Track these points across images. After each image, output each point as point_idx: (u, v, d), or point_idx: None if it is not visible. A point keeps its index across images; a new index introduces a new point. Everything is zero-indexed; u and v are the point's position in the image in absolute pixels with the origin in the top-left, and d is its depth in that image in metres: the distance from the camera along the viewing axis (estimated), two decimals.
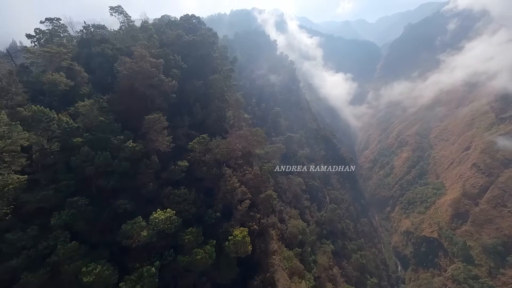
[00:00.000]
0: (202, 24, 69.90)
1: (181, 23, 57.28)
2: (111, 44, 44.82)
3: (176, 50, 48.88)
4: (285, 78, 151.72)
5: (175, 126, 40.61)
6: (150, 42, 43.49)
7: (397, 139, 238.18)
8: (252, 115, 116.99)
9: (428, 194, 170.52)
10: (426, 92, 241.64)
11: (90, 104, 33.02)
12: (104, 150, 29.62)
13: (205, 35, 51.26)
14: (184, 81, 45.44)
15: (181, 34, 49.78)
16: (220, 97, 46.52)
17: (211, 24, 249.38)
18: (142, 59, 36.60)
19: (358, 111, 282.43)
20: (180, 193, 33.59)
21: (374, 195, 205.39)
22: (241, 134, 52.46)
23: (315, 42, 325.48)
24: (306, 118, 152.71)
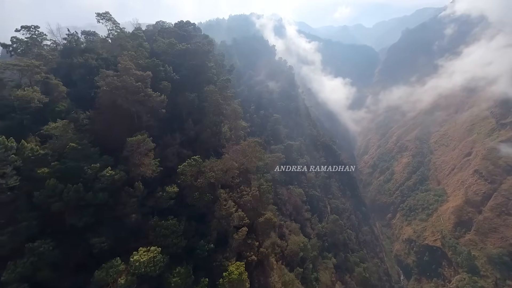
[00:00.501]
0: (198, 31, 65.90)
1: (174, 31, 53.19)
2: (96, 54, 40.45)
3: (168, 60, 44.66)
4: (284, 84, 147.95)
5: (165, 145, 36.19)
6: (138, 52, 39.24)
7: (396, 144, 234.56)
8: (251, 122, 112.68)
9: (430, 201, 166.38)
10: (425, 97, 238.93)
11: (63, 125, 28.38)
12: (76, 181, 25.09)
13: (199, 43, 47.18)
14: (176, 94, 41.18)
15: (173, 43, 45.61)
16: (216, 111, 42.20)
17: (209, 29, 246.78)
18: (126, 72, 32.25)
19: (357, 116, 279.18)
20: (167, 224, 29.08)
21: (375, 201, 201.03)
22: (238, 149, 48.05)
23: (314, 47, 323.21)
24: (305, 124, 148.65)
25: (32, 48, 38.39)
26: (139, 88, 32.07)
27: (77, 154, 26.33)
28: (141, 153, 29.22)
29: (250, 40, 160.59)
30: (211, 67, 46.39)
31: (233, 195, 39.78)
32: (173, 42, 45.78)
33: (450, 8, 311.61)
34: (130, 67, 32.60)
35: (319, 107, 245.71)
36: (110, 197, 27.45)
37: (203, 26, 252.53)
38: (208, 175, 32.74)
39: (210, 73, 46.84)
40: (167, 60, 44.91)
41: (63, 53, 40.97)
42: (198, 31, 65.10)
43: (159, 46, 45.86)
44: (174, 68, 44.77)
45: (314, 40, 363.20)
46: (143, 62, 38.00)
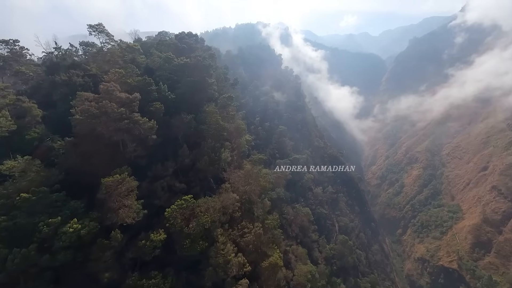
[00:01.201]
0: (201, 42, 61.15)
1: (173, 43, 48.35)
2: (83, 70, 35.80)
3: (164, 76, 39.59)
4: (290, 94, 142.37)
5: (154, 177, 30.63)
6: (127, 70, 34.21)
7: (406, 155, 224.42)
8: (256, 135, 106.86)
9: (444, 218, 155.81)
10: (436, 107, 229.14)
11: (25, 163, 23.05)
12: (29, 240, 19.61)
13: (199, 57, 42.12)
14: (171, 115, 35.89)
15: (170, 58, 40.58)
16: (215, 134, 36.61)
17: (215, 38, 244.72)
18: (108, 96, 27.09)
19: (364, 125, 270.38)
20: (150, 284, 23.18)
21: (384, 215, 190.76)
22: (240, 176, 42.13)
23: (320, 55, 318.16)
24: (312, 135, 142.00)
25: (12, 64, 33.98)
26: (123, 115, 26.82)
27: (33, 205, 20.85)
28: (120, 195, 23.64)
29: (256, 49, 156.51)
30: (211, 84, 41.08)
31: (233, 234, 33.69)
32: (170, 56, 40.74)
33: (461, 17, 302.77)
34: (113, 89, 27.43)
35: (326, 116, 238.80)
36: (77, 252, 21.83)
37: (210, 35, 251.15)
38: (202, 220, 26.84)
39: (211, 90, 41.50)
40: (163, 77, 39.78)
41: (48, 69, 36.39)
42: (200, 42, 60.41)
43: (154, 61, 40.87)
44: (170, 85, 39.57)
45: (320, 49, 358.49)
46: (133, 80, 32.82)
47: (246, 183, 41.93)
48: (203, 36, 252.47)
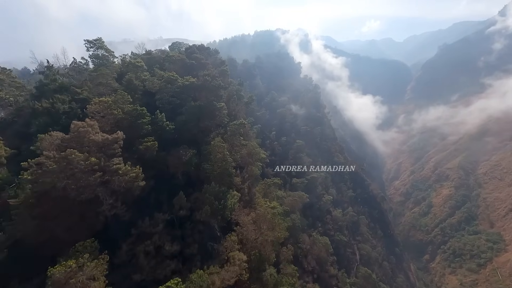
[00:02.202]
0: (213, 54, 54.42)
1: (180, 59, 41.80)
2: (72, 94, 30.35)
3: (165, 99, 32.91)
4: (309, 105, 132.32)
5: (139, 236, 23.55)
6: (117, 97, 27.76)
7: (434, 172, 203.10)
8: (271, 150, 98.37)
9: (482, 248, 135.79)
10: (470, 119, 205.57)
11: None
12: None
13: (208, 76, 35.10)
14: (169, 149, 29.01)
15: (172, 78, 33.91)
16: (221, 174, 28.90)
17: (233, 46, 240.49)
18: (80, 139, 20.43)
19: (387, 136, 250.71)
20: None
21: (408, 237, 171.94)
22: (250, 221, 34.06)
23: (340, 62, 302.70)
24: (331, 150, 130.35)
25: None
26: (95, 166, 20.00)
27: None
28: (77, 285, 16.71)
29: (274, 58, 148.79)
30: (221, 108, 33.76)
31: None
32: (173, 77, 33.99)
33: (501, 22, 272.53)
34: (86, 130, 20.82)
35: (345, 126, 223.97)
36: None
37: (228, 42, 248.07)
38: None
39: (219, 116, 34.18)
40: (164, 100, 33.07)
41: (35, 94, 31.13)
42: (213, 54, 53.86)
43: (154, 83, 34.29)
44: (172, 110, 32.82)
45: (341, 55, 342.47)
46: (120, 113, 26.06)
47: (257, 230, 33.70)
48: (221, 44, 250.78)
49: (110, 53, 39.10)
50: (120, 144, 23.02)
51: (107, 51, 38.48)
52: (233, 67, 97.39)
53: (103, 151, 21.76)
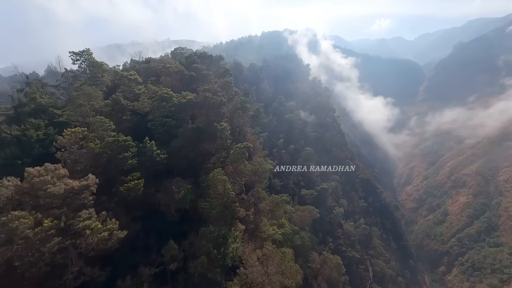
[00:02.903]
0: (216, 62, 49.18)
1: (178, 71, 36.70)
2: (50, 117, 25.85)
3: (158, 121, 27.91)
4: (319, 110, 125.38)
5: None
6: (96, 124, 22.66)
7: (450, 177, 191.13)
8: (278, 159, 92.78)
9: (504, 262, 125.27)
10: (490, 121, 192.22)
11: None
12: None
13: (209, 91, 29.97)
14: (160, 182, 24.03)
15: (166, 96, 28.75)
16: (222, 213, 23.55)
17: (240, 48, 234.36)
18: (34, 191, 15.48)
19: (398, 139, 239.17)
20: None
21: (422, 246, 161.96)
22: (257, 262, 28.78)
23: (350, 62, 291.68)
24: (342, 156, 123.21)
25: None
26: (53, 229, 14.94)
27: None
28: None
29: (281, 60, 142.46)
30: (222, 130, 28.53)
31: None
32: (167, 95, 28.98)
33: None
34: (44, 179, 15.88)
35: (355, 129, 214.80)
36: None
37: (235, 43, 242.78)
38: None
39: (220, 139, 28.91)
40: (156, 122, 28.02)
41: (14, 113, 26.88)
42: (216, 62, 48.69)
43: (143, 104, 29.25)
44: (165, 132, 27.77)
45: (350, 55, 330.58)
46: (98, 145, 21.04)
47: (264, 273, 28.40)
48: (228, 45, 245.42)
49: (100, 66, 34.35)
50: (92, 191, 18.20)
51: (96, 64, 33.83)
52: (239, 71, 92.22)
53: (68, 203, 16.96)
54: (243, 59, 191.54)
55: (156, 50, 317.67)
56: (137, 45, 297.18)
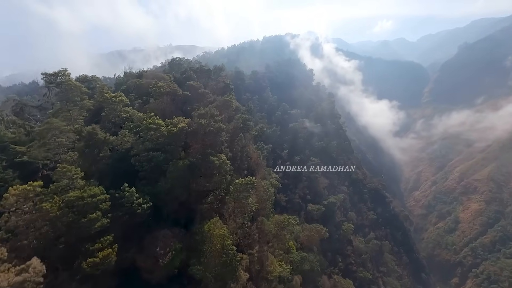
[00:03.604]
0: (215, 75, 44.13)
1: (171, 91, 31.42)
2: (11, 155, 20.87)
3: (143, 157, 22.85)
4: (323, 117, 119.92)
5: None
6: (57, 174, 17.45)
7: (460, 183, 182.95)
8: (283, 172, 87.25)
9: None
10: (500, 125, 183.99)
11: None
12: None
13: (205, 117, 24.95)
14: (142, 237, 19.08)
15: (153, 126, 23.44)
16: (221, 272, 18.32)
17: (242, 53, 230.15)
18: None
19: (404, 143, 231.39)
20: None
21: (433, 256, 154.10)
22: None
23: (353, 65, 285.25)
24: (349, 165, 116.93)
25: None
26: None
27: None
28: None
29: (284, 66, 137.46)
30: (220, 165, 23.39)
31: None
32: (153, 125, 23.82)
33: None
34: None
35: (360, 134, 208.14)
36: None
37: (236, 49, 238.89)
38: None
39: (218, 175, 23.77)
40: (142, 158, 22.91)
41: None
42: (215, 75, 43.68)
43: (125, 140, 23.89)
44: (153, 169, 22.76)
45: (353, 58, 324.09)
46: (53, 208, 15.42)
47: None
48: (229, 51, 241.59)
49: (78, 88, 29.10)
50: (37, 282, 13.08)
51: (74, 87, 28.81)
52: (240, 80, 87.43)
53: None
54: (244, 65, 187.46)
55: (158, 56, 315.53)
56: (139, 52, 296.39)
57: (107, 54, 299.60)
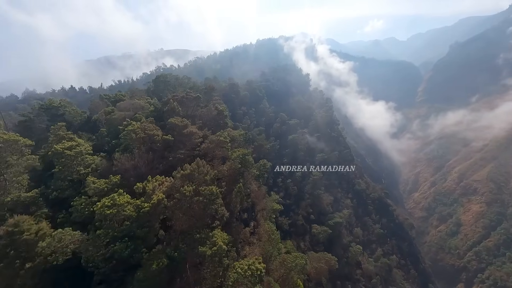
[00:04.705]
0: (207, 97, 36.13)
1: (146, 128, 22.89)
2: None
3: (101, 256, 15.13)
4: (323, 124, 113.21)
5: None
6: None
7: (459, 184, 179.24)
8: (284, 190, 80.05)
9: None
10: (497, 123, 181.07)
11: None
12: None
13: (192, 177, 17.37)
14: None
15: (109, 214, 15.48)
16: None
17: (235, 58, 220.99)
18: None
19: (402, 144, 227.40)
20: None
21: (436, 260, 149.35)
22: None
23: (348, 67, 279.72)
24: (351, 175, 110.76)
25: None
26: None
27: None
28: None
29: (280, 73, 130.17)
30: (214, 255, 15.67)
31: None
32: (112, 208, 15.82)
33: None
34: None
35: (358, 138, 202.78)
36: None
37: (229, 53, 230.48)
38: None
39: (209, 266, 16.59)
40: (99, 258, 14.94)
41: None
42: (206, 97, 36.12)
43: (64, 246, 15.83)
44: (111, 271, 15.01)
45: (346, 58, 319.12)
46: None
47: None
48: (222, 56, 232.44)
49: (15, 142, 20.34)
50: None
51: (11, 139, 20.45)
52: (235, 93, 79.72)
53: None
54: (238, 71, 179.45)
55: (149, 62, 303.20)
56: (128, 58, 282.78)
57: (95, 61, 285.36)
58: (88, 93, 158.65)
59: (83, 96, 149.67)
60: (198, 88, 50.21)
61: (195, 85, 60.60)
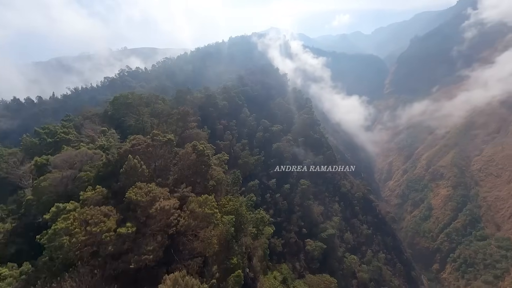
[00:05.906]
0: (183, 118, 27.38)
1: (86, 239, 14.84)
2: None
3: None
4: (305, 127, 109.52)
5: None
6: None
7: (427, 170, 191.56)
8: (274, 206, 74.34)
9: (495, 256, 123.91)
10: (456, 112, 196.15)
11: None
12: None
13: None
14: None
15: None
16: None
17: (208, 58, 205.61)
18: None
19: (375, 136, 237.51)
20: None
21: (413, 245, 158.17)
22: None
23: (321, 62, 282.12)
24: (336, 178, 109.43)
25: None
26: None
27: None
28: None
29: (258, 75, 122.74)
30: None
31: None
32: None
33: (474, 16, 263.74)
34: None
35: (336, 134, 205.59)
36: None
37: (201, 52, 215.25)
38: None
39: None
40: None
41: None
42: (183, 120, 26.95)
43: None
44: None
45: (318, 53, 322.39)
46: None
47: None
48: (193, 55, 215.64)
49: None
50: None
51: None
52: (213, 106, 70.70)
53: None
54: (212, 72, 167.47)
55: (112, 63, 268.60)
56: (87, 59, 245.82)
57: (45, 63, 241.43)
58: (37, 104, 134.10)
59: (31, 110, 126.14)
60: (169, 111, 40.85)
61: (165, 102, 50.60)
